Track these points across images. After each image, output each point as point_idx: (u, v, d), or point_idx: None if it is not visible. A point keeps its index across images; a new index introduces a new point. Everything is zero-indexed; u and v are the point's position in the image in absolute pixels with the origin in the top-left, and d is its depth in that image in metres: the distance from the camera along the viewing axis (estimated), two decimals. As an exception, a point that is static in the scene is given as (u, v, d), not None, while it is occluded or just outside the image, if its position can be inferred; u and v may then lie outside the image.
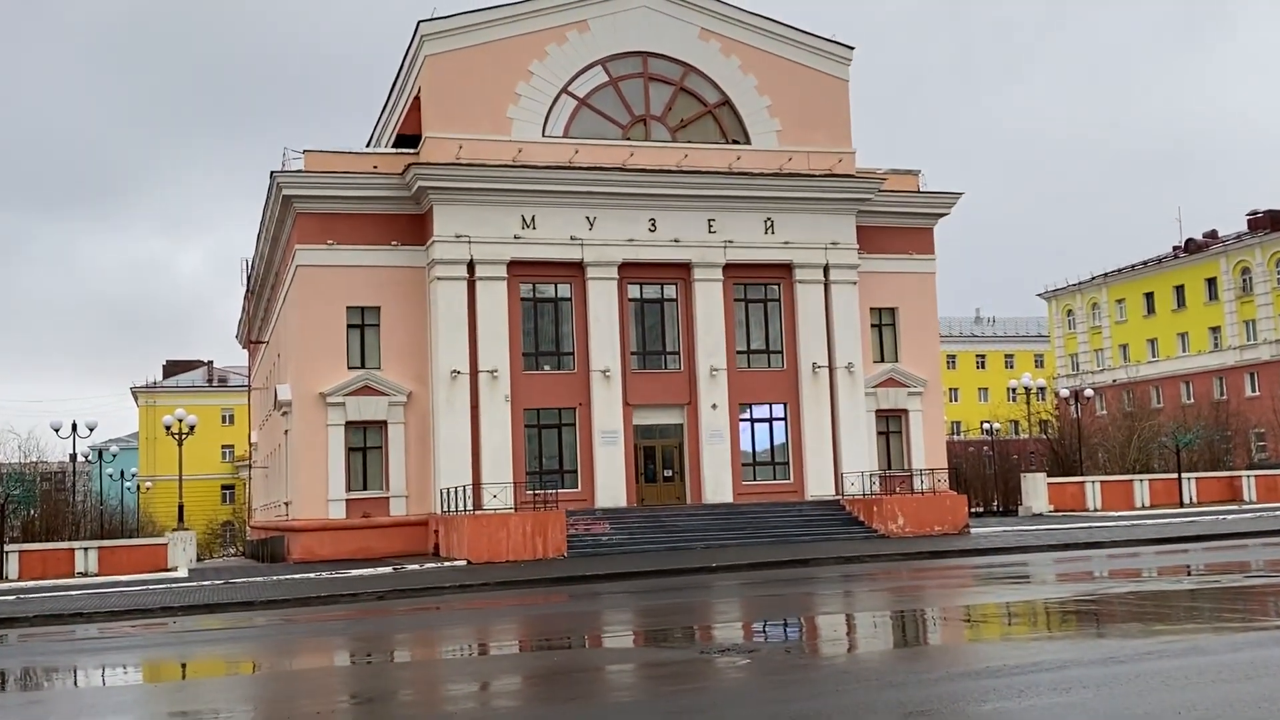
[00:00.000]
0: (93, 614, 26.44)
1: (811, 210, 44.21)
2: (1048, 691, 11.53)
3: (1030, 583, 25.20)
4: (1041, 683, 12.03)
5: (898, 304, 46.82)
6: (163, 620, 25.78)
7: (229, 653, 20.39)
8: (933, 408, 47.26)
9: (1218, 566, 26.35)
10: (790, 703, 11.68)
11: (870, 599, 23.35)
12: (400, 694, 14.56)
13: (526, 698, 13.81)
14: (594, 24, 43.37)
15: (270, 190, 42.69)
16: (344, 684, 16.03)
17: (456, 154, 41.00)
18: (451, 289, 40.98)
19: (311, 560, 39.47)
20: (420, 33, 42.15)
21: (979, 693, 12.05)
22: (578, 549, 36.78)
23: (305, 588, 30.12)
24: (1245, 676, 11.98)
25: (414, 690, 14.82)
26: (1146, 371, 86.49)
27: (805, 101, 44.98)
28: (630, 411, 42.55)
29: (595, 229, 42.18)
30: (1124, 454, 61.43)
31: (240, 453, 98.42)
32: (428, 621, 23.07)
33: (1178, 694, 11.13)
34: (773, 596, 24.02)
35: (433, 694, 14.32)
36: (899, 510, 40.47)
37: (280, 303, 48.37)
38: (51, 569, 39.82)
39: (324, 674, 17.32)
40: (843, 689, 12.61)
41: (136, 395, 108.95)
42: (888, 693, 12.28)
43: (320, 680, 16.53)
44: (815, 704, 11.56)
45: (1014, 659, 14.03)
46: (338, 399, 41.10)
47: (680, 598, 24.54)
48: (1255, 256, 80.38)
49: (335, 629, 22.55)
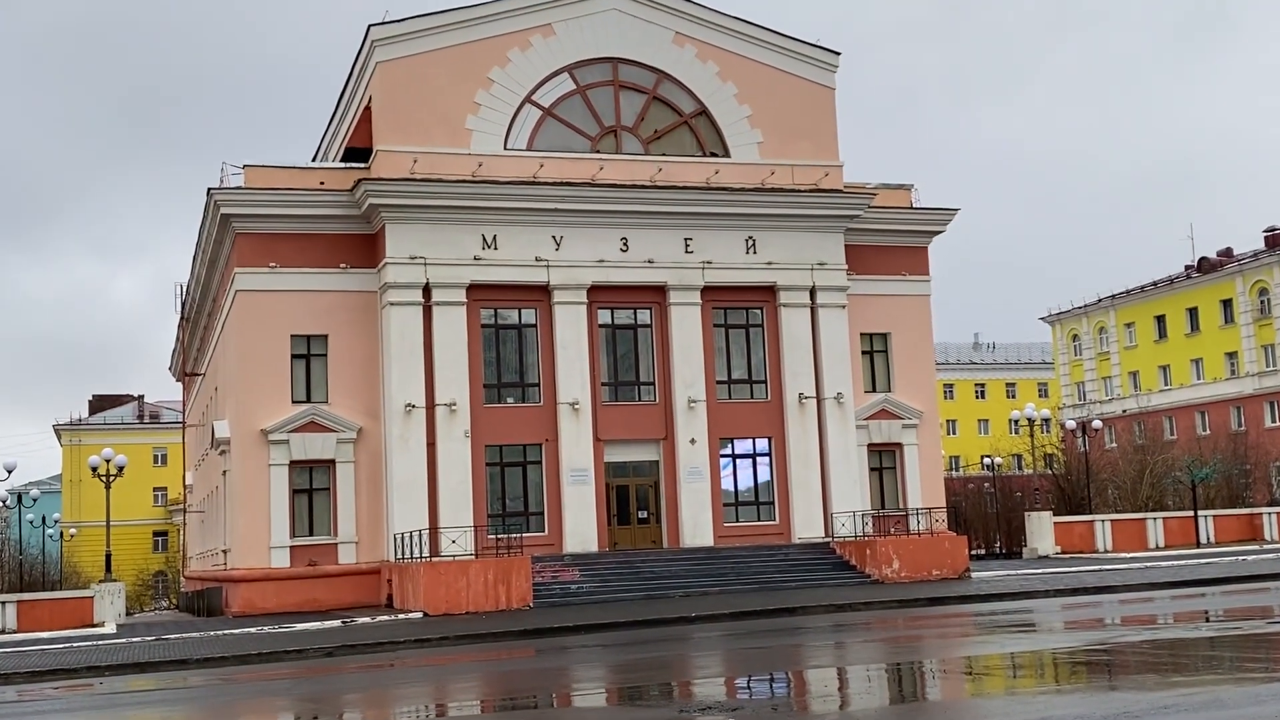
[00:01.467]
0: (10, 674, 26.12)
1: (796, 228, 44.39)
2: (1057, 751, 11.54)
3: (1037, 631, 25.23)
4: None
5: (890, 329, 47.00)
6: (89, 681, 25.48)
7: (161, 717, 20.18)
8: (929, 441, 47.37)
9: (1238, 612, 26.46)
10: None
11: (864, 651, 23.32)
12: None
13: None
14: (560, 28, 43.53)
15: (207, 209, 42.55)
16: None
17: (411, 168, 41.00)
18: (405, 315, 40.90)
19: (252, 614, 39.13)
20: (371, 37, 42.17)
21: (983, 753, 12.04)
22: (545, 598, 36.62)
23: (245, 644, 29.86)
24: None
25: None
26: (1158, 401, 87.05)
27: (789, 111, 45.21)
28: (601, 448, 42.48)
29: (562, 249, 42.22)
30: (1136, 490, 61.83)
31: (174, 496, 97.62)
32: (381, 680, 22.88)
33: (1197, 752, 11.16)
34: (758, 649, 23.96)
35: None
36: (894, 553, 40.50)
37: (218, 331, 48.15)
38: (-35, 625, 39.34)
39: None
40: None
41: (60, 433, 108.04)
42: (884, 754, 12.26)
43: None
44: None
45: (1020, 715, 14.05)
46: (281, 436, 40.87)
47: (657, 651, 24.46)
48: (1274, 276, 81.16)
49: (279, 689, 22.34)
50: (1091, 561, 46.16)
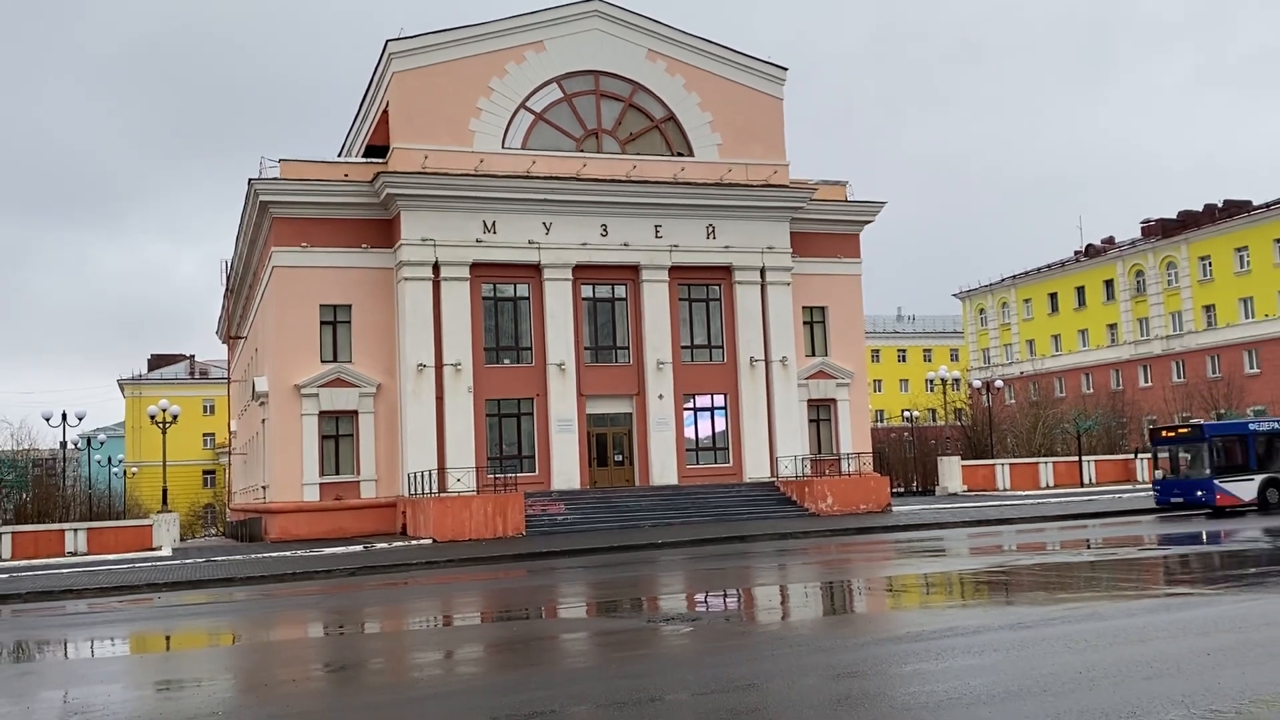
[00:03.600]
0: (82, 590, 26.06)
1: (749, 217, 44.33)
2: (962, 654, 11.68)
3: (946, 556, 25.46)
4: (956, 646, 12.17)
5: (827, 303, 47.08)
6: (148, 596, 25.44)
7: (211, 625, 20.17)
8: (859, 397, 47.57)
9: (1114, 540, 26.75)
10: (729, 667, 11.74)
11: (802, 571, 23.49)
12: (371, 662, 14.48)
13: (488, 665, 13.78)
14: (550, 45, 43.20)
15: (248, 197, 42.16)
16: (318, 653, 15.91)
17: (422, 163, 40.71)
18: (418, 289, 40.70)
19: (287, 540, 39.12)
20: (389, 51, 41.81)
21: (900, 656, 12.18)
22: (535, 528, 36.69)
23: (282, 565, 29.86)
24: (1139, 639, 12.21)
25: (384, 659, 14.75)
26: (1050, 364, 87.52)
27: (744, 118, 45.07)
28: (584, 401, 42.49)
29: (551, 233, 42.06)
30: (1030, 439, 62.22)
31: (220, 440, 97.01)
32: (396, 596, 22.93)
33: (1079, 656, 11.31)
34: (714, 570, 24.11)
35: (401, 662, 14.25)
36: (828, 491, 40.74)
37: (258, 301, 47.81)
38: (43, 549, 39.19)
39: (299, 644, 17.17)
40: (777, 654, 12.69)
41: (123, 387, 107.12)
42: (818, 656, 12.38)
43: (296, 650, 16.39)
44: (752, 668, 11.63)
45: (931, 625, 14.19)
46: (311, 390, 40.71)
47: (629, 572, 24.57)
48: (1148, 260, 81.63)
49: (310, 603, 22.36)
50: (993, 498, 46.51)
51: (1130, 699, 9.20)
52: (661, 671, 11.98)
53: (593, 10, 43.91)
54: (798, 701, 9.94)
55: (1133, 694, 9.39)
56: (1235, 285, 74.99)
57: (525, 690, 11.25)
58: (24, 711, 11.76)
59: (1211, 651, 11.21)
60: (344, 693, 12.37)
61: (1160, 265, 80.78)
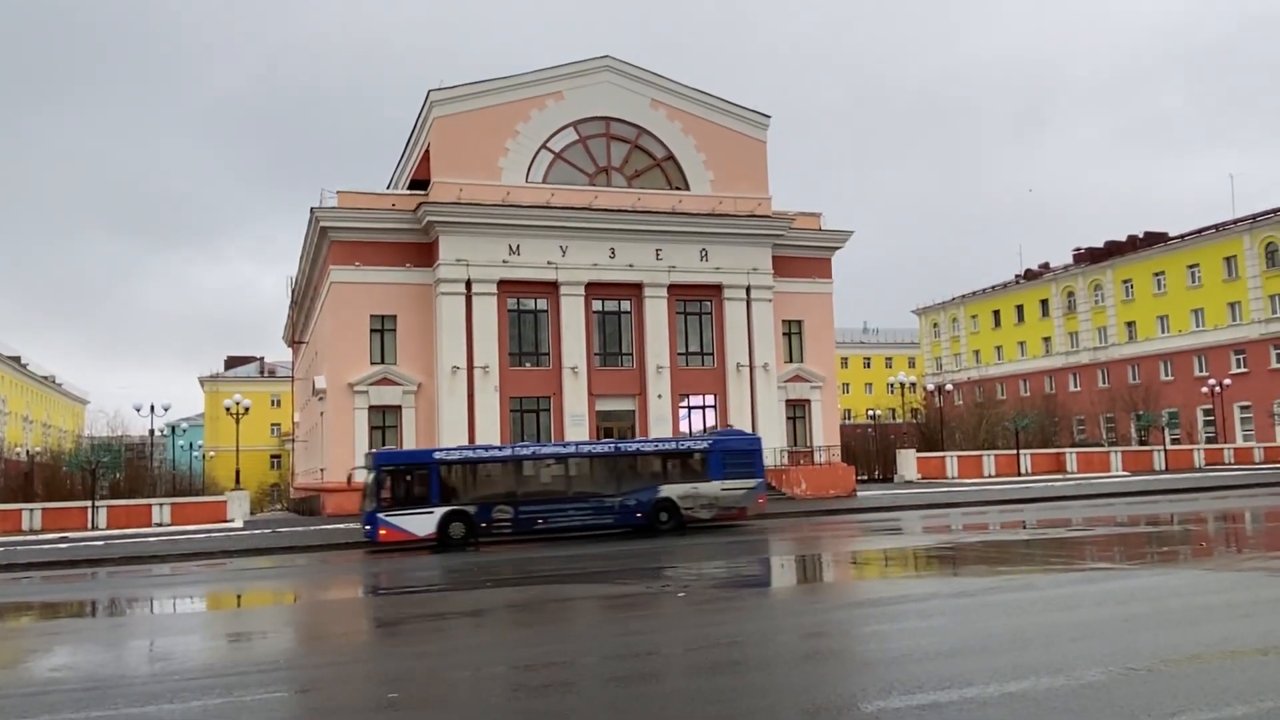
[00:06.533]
0: (166, 556, 26.12)
1: (737, 243, 44.31)
2: (914, 617, 11.71)
3: (903, 534, 25.45)
4: (909, 610, 12.20)
5: (803, 317, 47.03)
6: (222, 561, 25.50)
7: (275, 586, 20.22)
8: (829, 398, 47.52)
9: (1046, 522, 26.76)
10: (717, 626, 11.77)
11: (779, 546, 23.49)
12: (412, 617, 14.51)
13: (513, 622, 13.82)
14: (568, 94, 43.23)
15: (310, 222, 42.21)
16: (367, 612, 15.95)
17: (458, 195, 40.75)
18: (453, 302, 40.73)
19: (341, 515, 39.08)
20: (430, 99, 41.88)
21: (861, 618, 12.21)
22: (552, 507, 36.56)
23: (336, 536, 29.92)
24: (1066, 607, 12.22)
25: (422, 614, 14.78)
26: (994, 371, 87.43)
27: (733, 158, 45.07)
28: (593, 400, 42.47)
29: (567, 256, 42.08)
30: (975, 435, 62.02)
31: (285, 430, 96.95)
32: (433, 563, 22.94)
33: (1014, 619, 11.34)
34: (704, 544, 24.12)
35: (436, 617, 14.28)
36: (803, 478, 40.69)
37: (318, 311, 47.83)
38: (133, 520, 39.22)
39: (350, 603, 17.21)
40: (757, 616, 12.71)
41: (203, 383, 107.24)
42: (791, 618, 12.41)
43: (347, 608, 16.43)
44: (736, 627, 11.66)
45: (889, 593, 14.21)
46: (362, 388, 40.73)
47: (631, 546, 24.58)
48: (1079, 283, 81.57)
49: (358, 568, 22.40)
50: (943, 485, 46.43)
51: (1059, 657, 9.22)
52: (659, 630, 12.01)
53: (604, 65, 43.99)
54: (773, 657, 9.97)
55: (1061, 653, 9.41)
56: (1153, 305, 74.90)
57: (541, 644, 11.29)
58: (116, 658, 11.82)
59: (1129, 619, 11.22)
60: (389, 643, 12.41)
61: (1089, 287, 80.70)
